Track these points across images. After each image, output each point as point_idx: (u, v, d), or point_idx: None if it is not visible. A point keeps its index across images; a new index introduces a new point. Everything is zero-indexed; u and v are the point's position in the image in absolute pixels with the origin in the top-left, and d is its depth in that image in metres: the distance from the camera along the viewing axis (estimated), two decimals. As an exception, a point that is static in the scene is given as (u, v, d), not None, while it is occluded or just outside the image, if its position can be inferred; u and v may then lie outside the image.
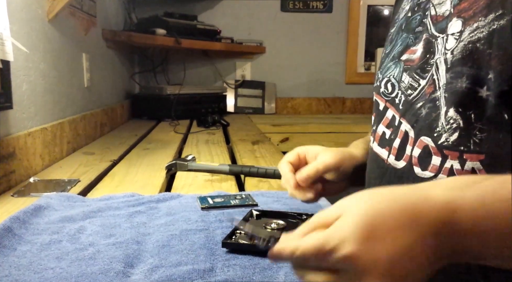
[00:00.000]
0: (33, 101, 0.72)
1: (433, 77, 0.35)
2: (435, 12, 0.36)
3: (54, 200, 0.51)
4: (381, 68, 0.44)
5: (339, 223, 0.24)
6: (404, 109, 0.38)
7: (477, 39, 0.31)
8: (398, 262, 0.22)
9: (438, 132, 0.33)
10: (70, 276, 0.33)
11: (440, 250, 0.23)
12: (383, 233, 0.23)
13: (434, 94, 0.34)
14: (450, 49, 0.33)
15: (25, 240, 0.40)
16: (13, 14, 0.65)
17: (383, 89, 0.41)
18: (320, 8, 1.79)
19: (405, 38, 0.40)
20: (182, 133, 1.13)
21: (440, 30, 0.35)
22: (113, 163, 0.77)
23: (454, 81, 0.32)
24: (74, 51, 0.96)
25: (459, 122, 0.31)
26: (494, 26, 0.30)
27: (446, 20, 0.35)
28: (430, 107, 0.34)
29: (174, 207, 0.50)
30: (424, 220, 0.23)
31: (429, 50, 0.36)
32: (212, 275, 0.33)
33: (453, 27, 0.33)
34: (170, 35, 1.40)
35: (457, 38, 0.32)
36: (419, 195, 0.24)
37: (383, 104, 0.41)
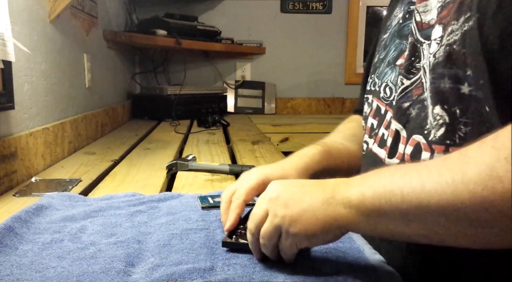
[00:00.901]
0: (35, 102, 0.73)
1: (422, 80, 0.37)
2: (420, 19, 0.39)
3: (56, 199, 0.51)
4: (377, 73, 0.46)
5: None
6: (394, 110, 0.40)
7: (453, 42, 0.33)
8: (294, 187, 0.34)
9: (428, 130, 0.35)
10: (71, 275, 0.33)
11: (334, 194, 0.32)
12: (292, 186, 0.34)
13: (422, 96, 0.36)
14: (432, 53, 0.35)
15: (27, 239, 0.40)
16: (14, 15, 0.65)
17: (382, 94, 0.43)
18: (320, 9, 1.79)
19: (398, 44, 0.43)
20: (183, 133, 1.13)
21: (425, 36, 0.38)
22: (114, 162, 0.77)
23: (436, 82, 0.34)
24: (76, 51, 0.96)
25: (445, 118, 0.34)
26: (465, 27, 0.33)
27: (431, 28, 0.37)
28: (419, 108, 0.37)
29: (175, 206, 0.50)
30: (328, 181, 0.33)
31: (414, 54, 0.38)
32: (212, 274, 0.33)
33: (435, 33, 0.36)
34: (171, 36, 1.40)
35: (439, 42, 0.35)
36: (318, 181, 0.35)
37: (384, 108, 0.43)
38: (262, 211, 0.34)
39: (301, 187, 0.34)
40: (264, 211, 0.34)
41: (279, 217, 0.32)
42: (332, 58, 1.82)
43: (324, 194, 0.32)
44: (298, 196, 0.33)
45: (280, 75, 1.83)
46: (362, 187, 0.31)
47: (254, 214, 0.35)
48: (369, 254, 0.37)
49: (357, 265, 0.35)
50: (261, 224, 0.34)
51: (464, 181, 0.25)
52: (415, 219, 0.28)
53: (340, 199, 0.31)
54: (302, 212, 0.32)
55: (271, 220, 0.33)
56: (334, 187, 0.32)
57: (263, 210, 0.34)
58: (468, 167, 0.26)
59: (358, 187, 0.31)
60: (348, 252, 0.37)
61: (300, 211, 0.32)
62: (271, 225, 0.33)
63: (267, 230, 0.33)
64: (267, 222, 0.33)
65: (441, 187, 0.26)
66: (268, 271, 0.34)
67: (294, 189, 0.34)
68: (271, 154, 0.86)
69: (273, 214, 0.33)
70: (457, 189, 0.25)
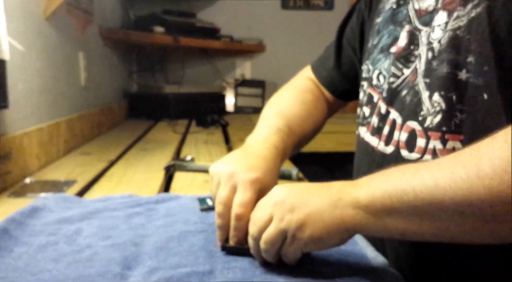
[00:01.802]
0: (29, 101, 0.72)
1: (416, 66, 0.37)
2: (419, 7, 0.39)
3: (51, 201, 0.50)
4: (369, 59, 0.45)
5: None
6: (389, 97, 0.40)
7: (458, 27, 0.34)
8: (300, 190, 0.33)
9: (423, 116, 0.36)
10: (67, 278, 0.33)
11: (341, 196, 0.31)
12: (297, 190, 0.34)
13: (415, 81, 0.37)
14: (436, 39, 0.35)
15: (22, 241, 0.40)
16: (9, 12, 0.64)
17: (375, 82, 0.43)
18: (321, 6, 1.78)
19: (392, 31, 0.42)
20: (181, 133, 1.12)
21: (424, 23, 0.38)
22: (111, 163, 0.76)
23: (438, 68, 0.35)
24: (71, 49, 0.95)
25: (442, 105, 0.34)
26: (472, 14, 0.33)
27: (430, 14, 0.37)
28: (412, 94, 0.37)
29: (173, 208, 0.49)
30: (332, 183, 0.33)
31: (412, 42, 0.39)
32: (211, 278, 0.33)
33: (439, 19, 0.36)
34: (169, 33, 1.39)
35: (443, 28, 0.35)
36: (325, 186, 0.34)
37: (377, 96, 0.43)
38: (266, 215, 0.33)
39: (307, 191, 0.33)
40: (268, 215, 0.33)
41: (285, 221, 0.31)
42: (331, 57, 1.82)
43: (331, 197, 0.31)
44: (304, 200, 0.32)
45: (281, 74, 1.81)
46: (371, 187, 0.30)
47: (258, 218, 0.33)
48: (371, 257, 0.36)
49: (359, 267, 0.34)
50: (265, 228, 0.33)
51: (480, 176, 0.25)
52: (428, 216, 0.27)
53: (347, 200, 0.31)
54: (309, 216, 0.31)
55: (276, 225, 0.32)
56: (340, 189, 0.32)
57: (267, 214, 0.33)
58: (482, 162, 0.25)
59: (366, 188, 0.30)
60: (350, 255, 0.37)
61: (307, 215, 0.31)
62: (276, 229, 0.32)
63: (271, 235, 0.32)
64: (272, 227, 0.32)
65: (455, 183, 0.26)
66: (269, 274, 0.33)
67: (299, 193, 0.33)
68: (270, 153, 0.85)
69: (279, 218, 0.32)
70: (472, 184, 0.25)
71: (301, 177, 0.69)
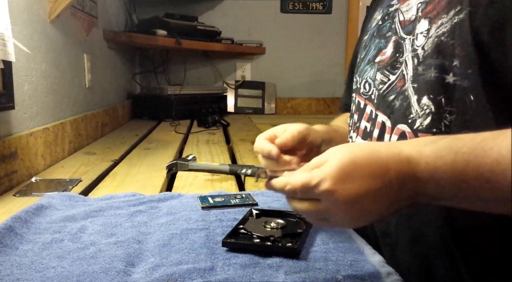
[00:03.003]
0: (35, 102, 0.73)
1: (403, 72, 0.39)
2: (403, 18, 0.41)
3: (56, 199, 0.51)
4: (358, 71, 0.48)
5: (323, 166, 0.30)
6: (378, 102, 0.42)
7: (442, 33, 0.35)
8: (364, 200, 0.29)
9: (412, 119, 0.37)
10: (71, 275, 0.33)
11: (401, 194, 0.30)
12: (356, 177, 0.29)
13: (404, 87, 0.38)
14: (420, 46, 0.37)
15: (27, 239, 0.40)
16: (15, 15, 0.65)
17: (362, 90, 0.45)
18: (320, 9, 1.79)
19: (377, 43, 0.45)
20: (183, 133, 1.13)
21: (407, 32, 0.40)
22: (114, 162, 0.77)
23: (425, 72, 0.36)
24: (76, 51, 0.96)
25: (431, 108, 0.35)
26: (455, 20, 0.34)
27: (413, 23, 0.39)
28: (402, 99, 0.38)
29: (175, 206, 0.50)
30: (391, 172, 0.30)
31: (398, 50, 0.40)
32: (212, 274, 0.33)
33: (421, 27, 0.37)
34: (171, 36, 1.40)
35: (426, 35, 0.37)
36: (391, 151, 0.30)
37: (363, 102, 0.45)
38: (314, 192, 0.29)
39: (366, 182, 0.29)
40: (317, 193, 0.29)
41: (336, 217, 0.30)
42: (332, 58, 1.82)
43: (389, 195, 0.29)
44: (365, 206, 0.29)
45: (280, 75, 1.83)
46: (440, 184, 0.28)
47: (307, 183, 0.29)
48: (369, 254, 0.37)
49: (357, 265, 0.35)
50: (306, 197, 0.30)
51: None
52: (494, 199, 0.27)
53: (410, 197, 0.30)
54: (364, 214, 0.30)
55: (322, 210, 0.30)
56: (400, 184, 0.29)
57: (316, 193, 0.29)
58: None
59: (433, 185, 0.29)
60: (348, 252, 0.37)
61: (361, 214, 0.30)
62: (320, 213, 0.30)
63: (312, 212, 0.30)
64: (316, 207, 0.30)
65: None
66: (268, 271, 0.34)
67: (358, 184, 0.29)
68: (271, 154, 0.86)
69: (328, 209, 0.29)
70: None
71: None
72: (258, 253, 0.36)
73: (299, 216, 0.43)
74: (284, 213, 0.44)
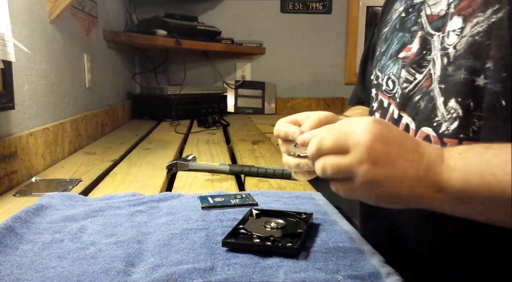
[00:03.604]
0: (35, 102, 0.73)
1: (430, 71, 0.37)
2: (431, 12, 0.38)
3: (56, 199, 0.51)
4: (378, 66, 0.45)
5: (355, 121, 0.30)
6: (402, 102, 0.39)
7: (477, 33, 0.33)
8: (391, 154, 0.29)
9: (438, 122, 0.35)
10: (71, 275, 0.33)
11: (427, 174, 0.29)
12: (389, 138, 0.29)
13: (430, 87, 0.36)
14: (452, 45, 0.35)
15: (27, 239, 0.40)
16: (15, 15, 0.65)
17: (385, 87, 0.43)
18: (320, 9, 1.79)
19: (401, 37, 0.42)
20: (183, 133, 1.13)
21: (436, 28, 0.37)
22: (114, 162, 0.77)
23: (455, 74, 0.34)
24: (76, 51, 0.96)
25: (459, 112, 0.33)
26: (492, 19, 0.32)
27: (442, 19, 0.37)
28: (427, 100, 0.36)
29: (175, 206, 0.50)
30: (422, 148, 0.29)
31: (425, 47, 0.38)
32: (212, 274, 0.33)
33: (454, 24, 0.35)
34: (171, 36, 1.40)
35: (459, 34, 0.34)
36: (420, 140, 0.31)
37: (387, 101, 0.42)
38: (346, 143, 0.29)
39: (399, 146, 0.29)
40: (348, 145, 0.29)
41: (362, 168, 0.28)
42: (332, 58, 1.82)
43: (418, 169, 0.28)
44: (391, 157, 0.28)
45: (280, 75, 1.83)
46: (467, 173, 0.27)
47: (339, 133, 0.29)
48: (369, 254, 0.37)
49: (357, 265, 0.35)
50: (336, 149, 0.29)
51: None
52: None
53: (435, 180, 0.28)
54: (389, 177, 0.28)
55: (350, 163, 0.29)
56: (431, 163, 0.29)
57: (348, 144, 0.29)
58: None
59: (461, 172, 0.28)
60: (348, 252, 0.37)
61: (387, 176, 0.28)
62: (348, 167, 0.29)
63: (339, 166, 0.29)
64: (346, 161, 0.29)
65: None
66: (268, 271, 0.34)
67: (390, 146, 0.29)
68: (271, 154, 0.86)
69: (357, 160, 0.28)
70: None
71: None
72: (258, 253, 0.36)
73: (300, 216, 0.43)
74: (284, 213, 0.44)
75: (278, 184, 0.63)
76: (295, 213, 0.44)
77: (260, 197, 0.53)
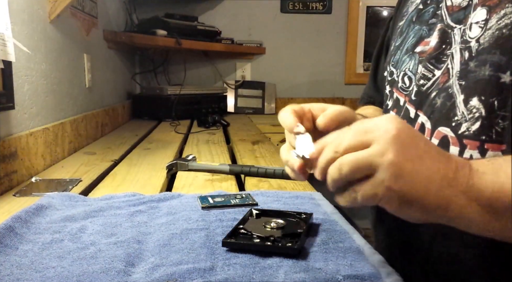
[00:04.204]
0: (35, 102, 0.73)
1: (448, 66, 0.34)
2: (451, 3, 0.36)
3: (56, 199, 0.51)
4: (392, 61, 0.43)
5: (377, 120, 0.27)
6: (419, 100, 0.37)
7: (504, 26, 0.30)
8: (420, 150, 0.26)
9: (457, 122, 0.32)
10: (71, 275, 0.33)
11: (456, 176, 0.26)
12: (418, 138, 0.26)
13: (447, 83, 0.34)
14: (474, 38, 0.32)
15: (27, 239, 0.40)
16: (14, 15, 0.65)
17: (401, 84, 0.40)
18: (320, 9, 1.80)
19: (418, 31, 0.39)
20: (183, 133, 1.13)
21: (456, 20, 0.34)
22: (114, 162, 0.77)
23: (478, 70, 0.31)
24: (76, 51, 0.96)
25: (482, 111, 0.31)
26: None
27: (464, 10, 0.34)
28: (444, 97, 0.34)
29: (175, 206, 0.50)
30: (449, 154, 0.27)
31: (444, 41, 0.35)
32: (212, 274, 0.33)
33: (478, 16, 0.32)
34: (171, 36, 1.40)
35: (482, 26, 0.32)
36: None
37: (403, 99, 0.40)
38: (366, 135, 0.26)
39: (426, 143, 0.27)
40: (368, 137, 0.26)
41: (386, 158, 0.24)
42: (332, 58, 1.83)
43: (447, 170, 0.26)
44: (419, 151, 0.26)
45: (280, 75, 1.83)
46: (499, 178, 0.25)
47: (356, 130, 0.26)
48: (369, 254, 0.37)
49: (357, 265, 0.35)
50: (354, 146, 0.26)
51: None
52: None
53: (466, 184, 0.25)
54: (415, 172, 0.25)
55: (371, 153, 0.25)
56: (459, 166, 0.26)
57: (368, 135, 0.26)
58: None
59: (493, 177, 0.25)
60: (348, 252, 0.37)
61: (413, 169, 0.25)
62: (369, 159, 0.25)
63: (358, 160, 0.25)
64: (366, 152, 0.25)
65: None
66: (268, 271, 0.34)
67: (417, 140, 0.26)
68: (271, 154, 0.86)
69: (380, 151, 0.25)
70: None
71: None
72: (258, 253, 0.36)
73: (300, 216, 0.43)
74: (284, 213, 0.44)
75: (278, 184, 0.63)
76: (295, 213, 0.44)
77: (260, 197, 0.53)
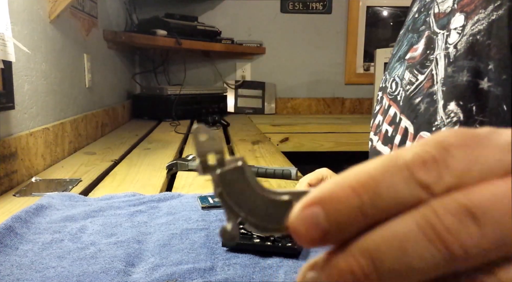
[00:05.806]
0: (35, 102, 0.73)
1: (432, 72, 0.35)
2: (438, 10, 0.37)
3: (56, 199, 0.51)
4: (387, 69, 0.44)
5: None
6: (403, 105, 0.38)
7: (478, 31, 0.31)
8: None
9: (437, 127, 0.33)
10: (71, 275, 0.33)
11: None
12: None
13: (432, 88, 0.34)
14: (453, 44, 0.33)
15: (27, 239, 0.40)
16: (14, 15, 0.65)
17: (389, 89, 0.42)
18: (320, 9, 1.80)
19: (410, 38, 0.41)
20: (183, 133, 1.13)
21: (441, 26, 0.35)
22: (114, 162, 0.77)
23: (455, 75, 0.32)
24: (76, 51, 0.96)
25: (460, 116, 0.31)
26: (493, 16, 0.30)
27: (447, 16, 0.35)
28: (428, 102, 0.35)
29: (175, 206, 0.50)
30: None
31: (429, 46, 0.36)
32: (212, 274, 0.33)
33: (456, 22, 0.33)
34: (171, 36, 1.41)
35: (460, 32, 0.32)
36: None
37: (387, 103, 0.42)
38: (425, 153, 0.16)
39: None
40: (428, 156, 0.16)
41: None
42: (332, 58, 1.83)
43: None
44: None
45: (280, 75, 1.83)
46: None
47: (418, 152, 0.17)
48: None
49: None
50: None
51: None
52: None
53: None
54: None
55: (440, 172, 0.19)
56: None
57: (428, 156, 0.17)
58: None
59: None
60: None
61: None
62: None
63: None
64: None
65: None
66: (268, 271, 0.34)
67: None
68: (271, 154, 0.86)
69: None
70: None
71: (300, 176, 0.69)
72: (258, 253, 0.36)
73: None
74: None
75: (278, 184, 0.63)
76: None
77: (260, 197, 0.53)
